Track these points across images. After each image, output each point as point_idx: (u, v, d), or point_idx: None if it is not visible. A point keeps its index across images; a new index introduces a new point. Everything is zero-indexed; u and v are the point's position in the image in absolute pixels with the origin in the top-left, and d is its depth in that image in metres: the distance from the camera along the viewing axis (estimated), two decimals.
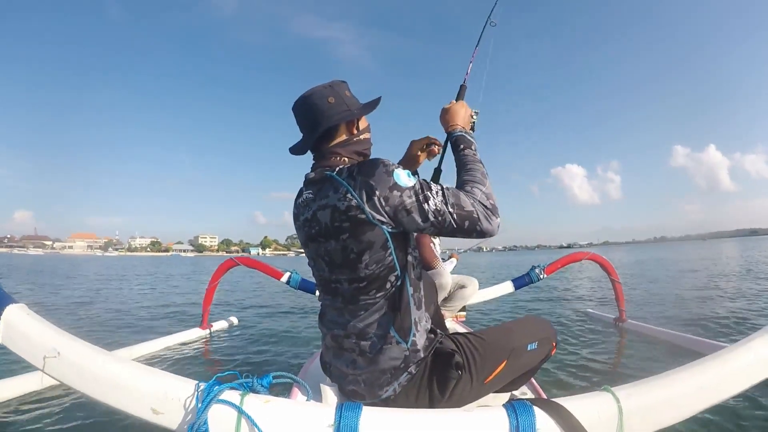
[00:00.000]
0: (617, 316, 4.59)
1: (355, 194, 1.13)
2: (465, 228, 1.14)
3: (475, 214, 1.14)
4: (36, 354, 1.08)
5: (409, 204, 1.12)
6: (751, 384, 1.13)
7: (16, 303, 1.15)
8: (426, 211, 1.12)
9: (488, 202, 1.18)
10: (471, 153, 1.34)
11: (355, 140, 1.31)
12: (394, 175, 1.13)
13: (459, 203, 1.15)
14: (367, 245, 1.16)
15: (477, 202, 1.16)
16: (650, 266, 16.71)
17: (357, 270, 1.19)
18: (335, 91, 1.28)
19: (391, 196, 1.11)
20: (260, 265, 4.26)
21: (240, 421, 0.97)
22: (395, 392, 1.21)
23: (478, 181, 1.23)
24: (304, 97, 1.28)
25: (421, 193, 1.13)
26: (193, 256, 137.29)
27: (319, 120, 1.26)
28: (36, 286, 11.31)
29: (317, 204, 1.22)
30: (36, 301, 7.67)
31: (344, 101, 1.28)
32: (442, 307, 3.33)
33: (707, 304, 6.09)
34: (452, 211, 1.13)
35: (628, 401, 1.05)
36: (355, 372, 1.24)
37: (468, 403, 1.30)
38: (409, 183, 1.14)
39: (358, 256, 1.17)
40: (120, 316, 6.09)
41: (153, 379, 1.06)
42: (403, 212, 1.12)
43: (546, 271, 4.09)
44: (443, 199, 1.14)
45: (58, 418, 2.31)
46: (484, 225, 1.15)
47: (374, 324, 1.21)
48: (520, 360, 1.35)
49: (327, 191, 1.20)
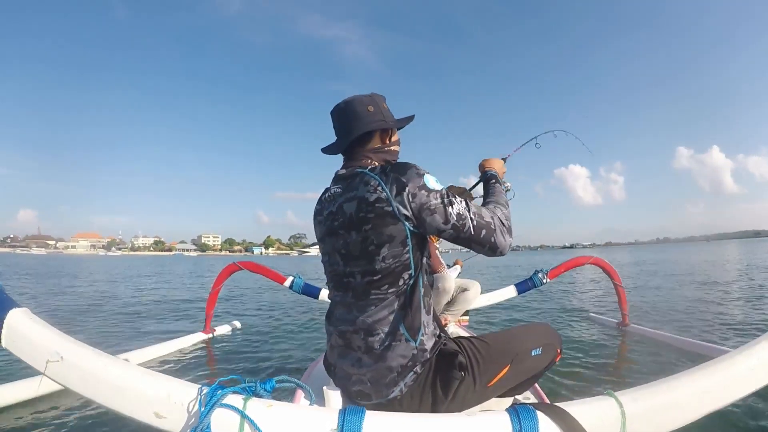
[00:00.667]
0: (620, 320, 4.58)
1: (386, 188, 1.19)
2: (481, 237, 1.22)
3: (493, 226, 1.23)
4: (39, 358, 1.08)
5: (434, 205, 1.18)
6: (755, 388, 1.13)
7: (19, 307, 1.15)
8: (449, 213, 1.19)
9: (506, 221, 1.29)
10: (499, 187, 1.52)
11: (386, 149, 1.39)
12: (425, 177, 1.20)
13: (480, 213, 1.25)
14: (388, 238, 1.20)
15: (496, 217, 1.27)
16: (653, 268, 16.64)
17: (373, 262, 1.22)
18: (374, 101, 1.36)
19: (419, 194, 1.18)
20: (263, 270, 4.26)
21: (243, 426, 0.97)
22: (401, 392, 1.22)
23: (501, 204, 1.38)
24: (345, 102, 1.36)
25: (447, 197, 1.21)
26: (196, 256, 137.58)
27: (356, 124, 1.33)
28: (36, 288, 11.34)
29: (344, 197, 1.28)
30: (37, 305, 7.69)
31: (381, 112, 1.36)
32: (446, 311, 3.33)
33: (711, 308, 6.06)
34: (473, 218, 1.21)
35: (631, 406, 1.05)
36: (361, 371, 1.25)
37: (471, 406, 1.30)
38: (437, 187, 1.21)
39: (377, 248, 1.21)
40: (122, 319, 6.10)
41: (156, 383, 1.06)
42: (428, 211, 1.18)
43: (549, 275, 4.08)
44: (466, 206, 1.23)
45: (60, 422, 2.31)
46: (498, 238, 1.24)
47: (384, 320, 1.23)
48: (524, 365, 1.36)
49: (357, 185, 1.25)
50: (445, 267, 3.45)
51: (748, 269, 13.39)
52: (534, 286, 4.13)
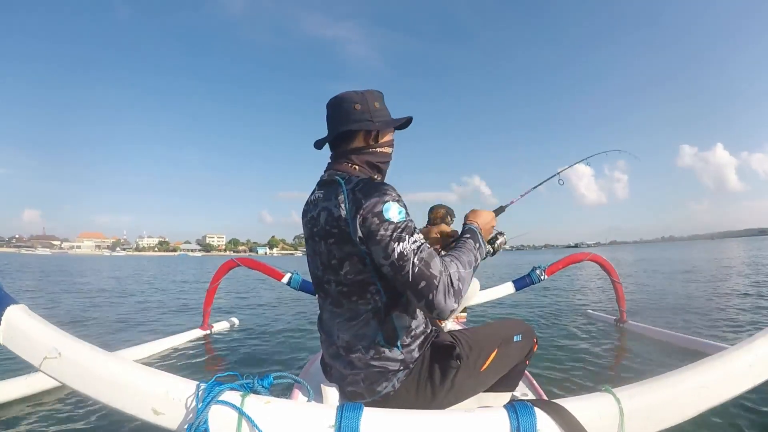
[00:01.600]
0: (618, 317, 4.59)
1: (347, 206, 1.16)
2: (418, 288, 1.09)
3: (437, 281, 1.09)
4: (36, 355, 1.08)
5: (381, 236, 1.11)
6: (753, 385, 1.13)
7: (17, 303, 1.15)
8: (392, 249, 1.10)
9: (457, 282, 1.13)
10: (472, 244, 1.31)
11: (370, 150, 1.34)
12: (386, 205, 1.13)
13: (428, 262, 1.10)
14: (347, 256, 1.20)
15: (446, 274, 1.12)
16: (654, 266, 16.69)
17: (339, 275, 1.23)
18: (365, 98, 1.31)
19: (370, 221, 1.12)
20: (261, 266, 4.26)
21: (240, 422, 0.97)
22: (394, 388, 1.24)
23: (461, 262, 1.19)
24: (335, 98, 1.33)
25: (398, 232, 1.11)
26: (200, 256, 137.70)
27: (341, 122, 1.31)
28: (38, 285, 11.34)
29: (321, 205, 1.27)
30: (36, 303, 7.68)
31: (370, 110, 1.31)
32: None
33: (709, 305, 6.08)
34: (416, 264, 1.09)
35: (629, 402, 1.05)
36: (354, 372, 1.26)
37: (469, 392, 1.34)
38: (394, 218, 1.12)
39: (339, 262, 1.22)
40: (122, 317, 6.10)
41: (154, 379, 1.06)
42: (373, 240, 1.13)
43: (547, 272, 4.08)
44: (416, 249, 1.11)
45: (59, 418, 2.31)
46: (437, 297, 1.09)
47: (362, 336, 1.24)
48: (510, 348, 1.43)
49: (331, 195, 1.24)
50: None
51: (749, 267, 13.42)
52: (532, 282, 4.13)
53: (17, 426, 2.24)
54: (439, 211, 3.36)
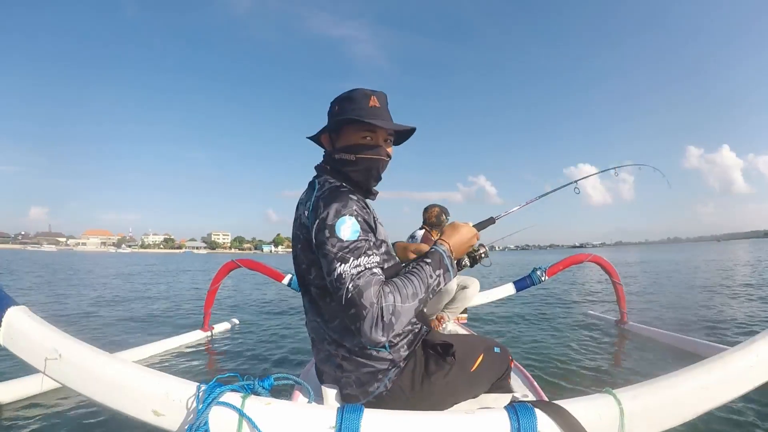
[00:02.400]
0: (618, 318, 4.59)
1: (310, 214, 1.17)
2: (348, 313, 1.05)
3: (365, 312, 1.03)
4: (37, 356, 1.08)
5: (327, 251, 1.09)
6: (753, 386, 1.13)
7: (18, 305, 1.15)
8: (333, 268, 1.07)
9: (389, 316, 1.04)
10: (428, 270, 1.17)
11: (331, 155, 1.30)
12: (340, 219, 1.09)
13: (362, 291, 1.04)
14: (312, 262, 1.21)
15: (378, 306, 1.03)
16: (657, 267, 16.68)
17: (309, 278, 1.24)
18: (339, 98, 1.28)
19: (321, 234, 1.10)
20: (261, 267, 4.26)
21: (241, 424, 0.97)
22: (386, 388, 1.24)
23: (402, 294, 1.08)
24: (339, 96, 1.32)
25: (344, 252, 1.07)
26: (205, 253, 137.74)
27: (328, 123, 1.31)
28: (40, 283, 11.33)
29: (300, 209, 1.27)
30: (36, 301, 7.68)
31: (332, 113, 1.28)
32: (445, 308, 3.32)
33: (710, 306, 6.07)
34: (350, 290, 1.04)
35: (629, 403, 1.05)
36: (345, 374, 1.26)
37: (461, 390, 1.34)
38: (345, 236, 1.08)
39: (307, 267, 1.23)
40: (122, 317, 6.09)
41: (154, 380, 1.06)
42: (321, 252, 1.12)
43: (547, 273, 4.08)
44: (354, 274, 1.05)
45: (59, 420, 2.31)
46: (364, 327, 1.03)
47: (345, 336, 1.23)
48: (491, 357, 1.43)
49: (307, 198, 1.24)
50: None
51: (751, 269, 13.40)
52: (532, 283, 4.13)
53: (18, 427, 2.24)
54: (432, 211, 3.37)
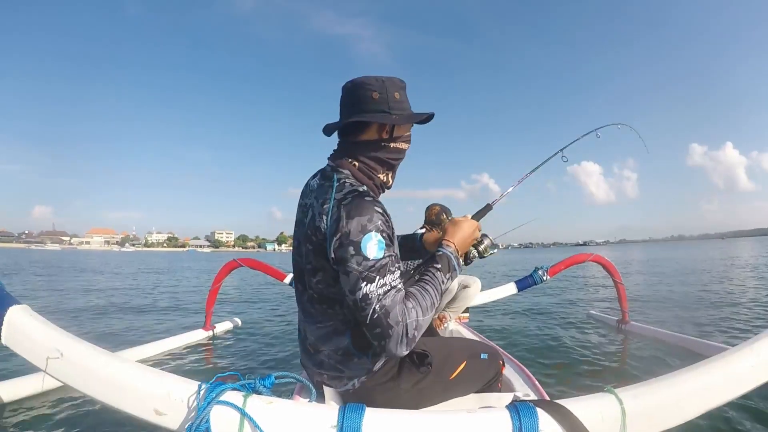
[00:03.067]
0: (620, 318, 4.58)
1: (329, 222, 1.12)
2: (373, 332, 1.08)
3: (392, 332, 1.06)
4: (39, 355, 1.08)
5: (351, 268, 1.07)
6: (755, 386, 1.13)
7: (19, 304, 1.15)
8: (359, 288, 1.06)
9: (413, 332, 1.09)
10: (440, 277, 1.23)
11: (382, 145, 1.24)
12: (366, 235, 1.07)
13: (388, 311, 1.06)
14: (321, 267, 1.18)
15: (403, 324, 1.07)
16: (660, 266, 16.65)
17: (311, 281, 1.22)
18: (385, 87, 1.20)
19: (345, 249, 1.07)
20: (263, 267, 4.26)
21: (242, 423, 0.97)
22: (354, 387, 1.25)
23: (422, 307, 1.13)
24: (353, 82, 1.23)
25: (369, 271, 1.06)
26: (209, 252, 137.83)
27: (355, 109, 1.20)
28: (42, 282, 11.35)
29: (312, 199, 1.23)
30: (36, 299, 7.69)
31: (388, 101, 1.19)
32: (446, 308, 3.32)
33: (712, 305, 6.06)
34: (377, 310, 1.05)
35: (631, 403, 1.05)
36: (321, 371, 1.28)
37: (436, 397, 1.34)
38: (371, 254, 1.06)
39: (313, 270, 1.20)
40: (123, 315, 6.10)
41: (156, 379, 1.06)
42: (343, 269, 1.09)
43: (549, 272, 4.07)
44: (381, 295, 1.06)
45: (60, 418, 2.32)
46: (389, 345, 1.07)
47: (333, 338, 1.24)
48: (477, 363, 1.43)
49: (321, 194, 1.20)
50: None
51: (754, 267, 13.36)
52: (534, 283, 4.12)
53: (19, 426, 2.24)
54: (433, 210, 3.37)
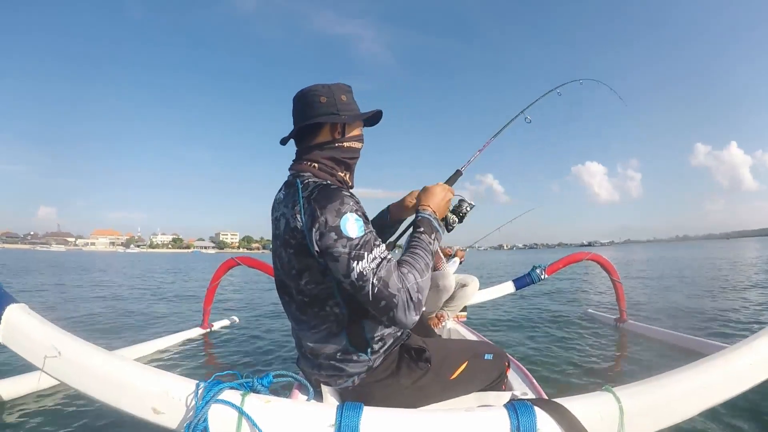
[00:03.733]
0: (618, 317, 4.59)
1: (304, 218, 1.13)
2: (379, 307, 1.09)
3: (396, 299, 1.08)
4: (36, 353, 1.08)
5: (339, 253, 1.08)
6: (753, 384, 1.13)
7: (17, 302, 1.15)
8: (351, 268, 1.08)
9: (416, 294, 1.11)
10: (426, 239, 1.27)
11: (336, 145, 1.29)
12: (343, 218, 1.09)
13: (387, 282, 1.08)
14: (306, 267, 1.18)
15: (404, 290, 1.10)
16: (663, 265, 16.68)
17: (299, 284, 1.22)
18: (331, 91, 1.26)
19: (327, 236, 1.09)
20: (261, 265, 4.26)
21: (240, 421, 0.97)
22: (353, 384, 1.26)
23: (417, 269, 1.16)
24: (301, 91, 1.29)
25: (357, 249, 1.08)
26: (214, 253, 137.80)
27: (305, 115, 1.26)
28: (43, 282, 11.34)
29: (282, 209, 1.25)
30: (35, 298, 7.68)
31: (336, 104, 1.25)
32: (444, 307, 3.32)
33: (711, 304, 6.07)
34: (375, 284, 1.07)
35: (629, 401, 1.05)
36: (319, 371, 1.29)
37: (435, 396, 1.34)
38: (353, 233, 1.09)
39: (298, 273, 1.20)
40: (122, 315, 6.09)
41: (153, 378, 1.06)
42: (330, 256, 1.10)
43: (547, 271, 4.08)
44: (375, 268, 1.08)
45: (58, 417, 2.31)
46: (398, 314, 1.09)
47: (328, 341, 1.24)
48: (480, 364, 1.43)
49: (289, 201, 1.22)
50: (444, 263, 3.44)
51: (758, 267, 13.36)
52: (532, 281, 4.13)
53: (17, 425, 2.24)
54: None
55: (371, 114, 1.32)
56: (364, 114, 1.30)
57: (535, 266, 4.11)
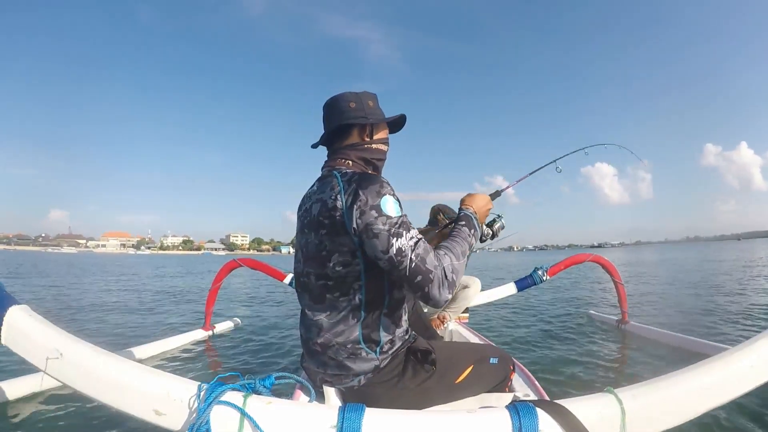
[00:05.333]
0: (619, 318, 4.58)
1: (343, 197, 1.19)
2: (415, 282, 1.16)
3: (432, 276, 1.16)
4: (38, 355, 1.08)
5: (379, 229, 1.15)
6: (754, 385, 1.13)
7: (19, 304, 1.15)
8: (390, 244, 1.14)
9: (451, 274, 1.20)
10: (466, 231, 1.37)
11: (365, 146, 1.38)
12: (383, 198, 1.18)
13: (424, 258, 1.17)
14: (339, 247, 1.22)
15: (440, 267, 1.18)
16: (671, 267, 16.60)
17: (326, 267, 1.25)
18: (359, 98, 1.37)
19: (368, 213, 1.15)
20: (263, 267, 4.26)
21: (242, 423, 0.97)
22: (360, 383, 1.26)
23: (454, 254, 1.25)
24: (332, 98, 1.40)
25: (396, 227, 1.16)
26: (224, 255, 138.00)
27: (335, 119, 1.36)
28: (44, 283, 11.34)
29: (315, 197, 1.30)
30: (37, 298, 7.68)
31: (364, 109, 1.36)
32: (446, 308, 3.32)
33: (713, 306, 6.05)
34: (413, 259, 1.15)
35: (630, 403, 1.05)
36: (324, 370, 1.30)
37: (440, 399, 1.34)
38: (392, 213, 1.17)
39: (328, 253, 1.24)
40: (124, 316, 6.10)
41: (155, 380, 1.06)
42: (370, 233, 1.15)
43: (549, 272, 4.07)
44: (413, 245, 1.16)
45: (60, 419, 2.31)
46: (433, 290, 1.16)
47: (341, 334, 1.25)
48: (485, 368, 1.44)
49: (325, 187, 1.28)
50: None
51: (762, 267, 13.31)
52: (534, 283, 4.12)
53: (18, 426, 2.24)
54: (432, 209, 3.37)
55: (396, 117, 1.43)
56: (389, 118, 1.41)
57: (536, 267, 4.11)
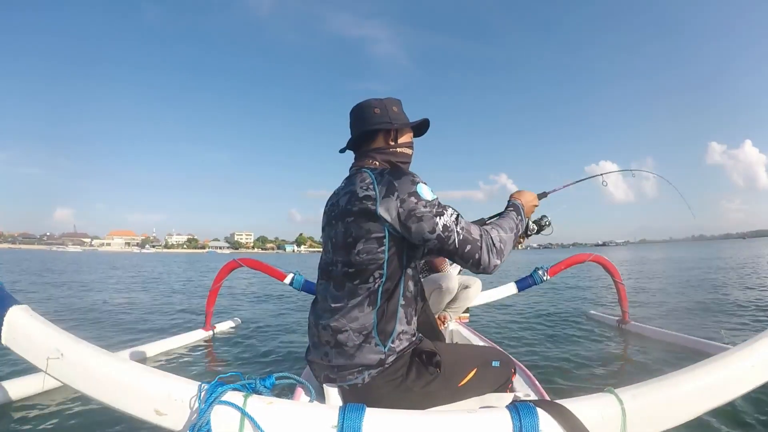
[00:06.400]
0: (620, 318, 4.58)
1: (377, 187, 1.25)
2: (465, 251, 1.24)
3: (480, 243, 1.25)
4: (39, 355, 1.08)
5: (422, 213, 1.22)
6: (755, 385, 1.13)
7: (19, 304, 1.15)
8: (436, 223, 1.22)
9: (498, 243, 1.29)
10: (514, 216, 1.47)
11: (390, 150, 1.44)
12: (418, 185, 1.25)
13: (468, 228, 1.26)
14: (365, 233, 1.26)
15: (487, 236, 1.28)
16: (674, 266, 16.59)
17: (350, 254, 1.28)
18: (383, 104, 1.44)
19: (408, 201, 1.22)
20: (263, 267, 4.25)
21: (243, 423, 0.97)
22: (363, 381, 1.27)
23: (502, 228, 1.36)
24: (357, 104, 1.47)
25: (437, 208, 1.24)
26: (228, 253, 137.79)
27: (361, 125, 1.44)
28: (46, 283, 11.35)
29: (344, 191, 1.35)
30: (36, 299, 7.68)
31: (388, 114, 1.43)
32: (447, 308, 3.32)
33: (714, 305, 6.05)
34: (460, 232, 1.24)
35: (631, 403, 1.05)
36: (328, 361, 1.31)
37: (441, 399, 1.34)
38: (429, 196, 1.25)
39: (354, 240, 1.27)
40: (123, 316, 6.10)
41: (156, 380, 1.06)
42: (414, 218, 1.22)
43: (549, 272, 4.07)
44: (455, 220, 1.25)
45: (60, 419, 2.31)
46: (483, 255, 1.25)
47: (355, 320, 1.27)
48: (487, 371, 1.45)
49: (355, 180, 1.33)
50: (448, 265, 3.43)
51: (761, 267, 13.29)
52: (534, 283, 4.11)
53: (19, 426, 2.24)
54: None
55: (419, 122, 1.49)
56: (413, 122, 1.47)
57: (537, 267, 4.10)
